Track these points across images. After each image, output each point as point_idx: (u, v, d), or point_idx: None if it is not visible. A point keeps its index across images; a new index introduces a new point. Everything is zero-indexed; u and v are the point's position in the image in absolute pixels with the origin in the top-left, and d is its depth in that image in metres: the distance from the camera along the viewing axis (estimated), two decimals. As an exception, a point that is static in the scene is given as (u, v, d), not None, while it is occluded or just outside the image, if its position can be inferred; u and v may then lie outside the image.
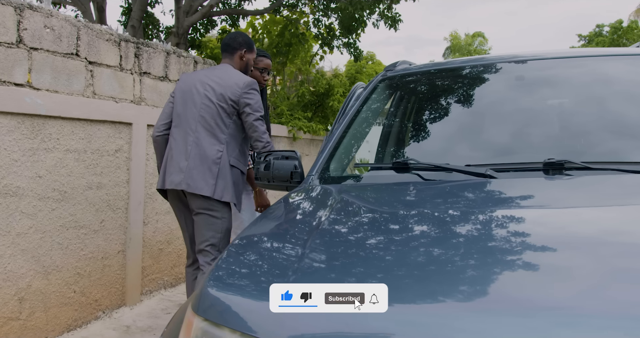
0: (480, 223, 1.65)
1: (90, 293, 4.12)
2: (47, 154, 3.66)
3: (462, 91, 2.79)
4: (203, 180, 3.30)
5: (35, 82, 3.53)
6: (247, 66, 3.60)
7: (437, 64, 3.12)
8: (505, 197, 1.97)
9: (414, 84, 3.07)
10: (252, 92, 3.37)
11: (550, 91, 2.66)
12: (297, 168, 2.63)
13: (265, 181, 2.61)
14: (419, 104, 2.91)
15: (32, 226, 3.58)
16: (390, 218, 1.86)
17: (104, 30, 4.11)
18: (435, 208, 1.88)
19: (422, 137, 2.70)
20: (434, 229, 1.65)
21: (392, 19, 8.83)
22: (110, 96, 4.19)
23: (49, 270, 3.73)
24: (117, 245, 4.36)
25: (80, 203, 3.96)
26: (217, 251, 3.37)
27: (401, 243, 1.54)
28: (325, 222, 1.76)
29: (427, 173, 2.23)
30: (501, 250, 1.38)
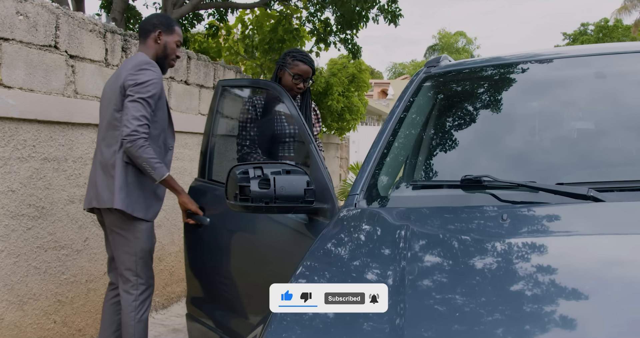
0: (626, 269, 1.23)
1: (73, 323, 3.57)
2: (21, 164, 3.11)
3: (532, 90, 2.32)
4: (108, 190, 2.84)
5: (6, 79, 2.98)
6: (165, 49, 2.99)
7: (493, 59, 2.64)
8: (633, 229, 1.50)
9: (468, 82, 2.57)
10: (140, 73, 2.79)
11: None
12: (311, 184, 2.14)
13: (259, 203, 2.04)
14: (479, 106, 2.41)
15: (4, 249, 3.03)
16: (491, 263, 1.38)
17: (87, 19, 3.57)
18: (547, 250, 1.44)
19: (489, 148, 2.20)
20: (559, 282, 1.24)
21: (392, 14, 8.36)
22: (95, 96, 3.64)
23: (24, 300, 3.18)
24: (103, 265, 3.81)
25: (60, 220, 3.41)
26: (135, 277, 2.91)
27: (514, 299, 1.17)
28: (408, 273, 1.31)
29: (504, 193, 1.76)
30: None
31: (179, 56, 3.10)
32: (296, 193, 2.11)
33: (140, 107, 2.74)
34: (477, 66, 2.60)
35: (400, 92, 2.57)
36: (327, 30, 8.46)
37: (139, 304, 2.94)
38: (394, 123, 2.29)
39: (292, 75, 3.16)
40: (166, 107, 3.01)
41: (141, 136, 2.71)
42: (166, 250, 4.62)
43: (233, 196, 2.11)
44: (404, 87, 2.56)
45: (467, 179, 1.83)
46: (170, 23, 3.05)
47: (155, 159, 2.74)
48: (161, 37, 2.98)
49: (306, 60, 3.22)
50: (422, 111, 2.46)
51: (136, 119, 2.72)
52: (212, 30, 8.68)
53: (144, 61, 2.86)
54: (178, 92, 4.66)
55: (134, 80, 2.77)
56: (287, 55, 3.27)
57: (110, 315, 3.07)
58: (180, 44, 3.13)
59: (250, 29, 9.23)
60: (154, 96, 2.80)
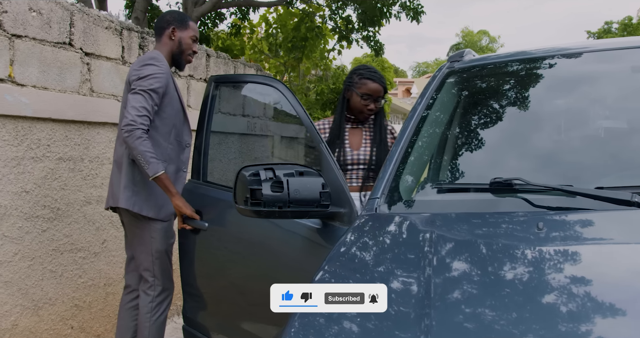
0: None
1: (91, 328, 3.48)
2: (36, 164, 3.02)
3: (564, 86, 2.15)
4: (118, 189, 2.79)
5: (18, 76, 2.89)
6: (180, 45, 2.92)
7: (519, 53, 2.45)
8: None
9: (494, 78, 2.40)
10: (143, 68, 2.72)
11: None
12: (326, 187, 1.98)
13: (272, 207, 1.89)
14: (507, 104, 2.23)
15: (18, 252, 2.94)
16: (527, 278, 1.23)
17: (102, 16, 3.47)
18: (590, 263, 1.29)
19: (518, 148, 2.03)
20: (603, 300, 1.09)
21: (414, 11, 8.18)
22: (111, 94, 3.55)
23: (39, 304, 3.09)
24: (122, 268, 3.71)
25: (77, 222, 3.32)
26: (152, 277, 2.84)
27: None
28: (435, 286, 1.18)
29: (537, 197, 1.60)
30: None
31: (196, 51, 3.00)
32: (311, 197, 1.95)
33: (141, 99, 2.64)
34: (504, 60, 2.43)
35: None
36: (349, 27, 8.31)
37: (156, 306, 2.85)
38: (415, 122, 2.14)
39: (361, 95, 2.88)
40: (179, 104, 2.91)
41: (139, 127, 2.58)
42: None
43: (243, 201, 1.96)
44: (426, 84, 2.40)
45: (496, 182, 1.67)
46: (183, 18, 2.96)
47: (152, 154, 2.59)
48: (175, 33, 2.90)
49: (375, 77, 2.92)
50: (445, 108, 2.29)
51: (135, 110, 2.61)
52: (235, 29, 8.59)
53: (148, 56, 2.80)
54: (197, 90, 4.55)
55: (136, 75, 2.70)
56: (353, 73, 2.99)
57: (127, 320, 2.96)
58: (197, 39, 3.03)
59: (274, 27, 9.14)
60: (157, 89, 2.69)
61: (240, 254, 2.60)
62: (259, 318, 2.52)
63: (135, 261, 2.92)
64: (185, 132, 2.95)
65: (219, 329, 2.72)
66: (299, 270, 2.27)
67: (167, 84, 2.76)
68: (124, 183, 2.74)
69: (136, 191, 2.75)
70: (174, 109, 2.85)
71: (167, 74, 2.77)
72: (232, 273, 2.65)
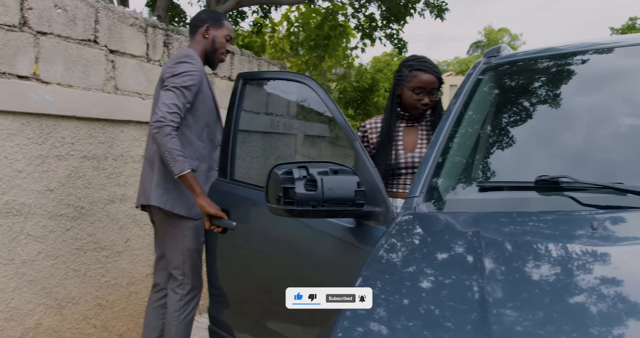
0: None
1: (114, 327, 3.45)
2: (60, 162, 2.99)
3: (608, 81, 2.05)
4: (150, 186, 2.76)
5: (43, 74, 2.86)
6: (213, 44, 2.89)
7: (560, 48, 2.36)
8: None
9: (535, 73, 2.30)
10: (177, 65, 2.69)
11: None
12: (361, 185, 1.91)
13: (306, 206, 1.83)
14: (548, 100, 2.14)
15: (42, 251, 2.92)
16: (590, 284, 1.15)
17: (127, 13, 3.44)
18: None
19: (561, 145, 1.94)
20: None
21: (438, 8, 8.06)
22: (136, 92, 3.52)
23: (62, 303, 3.07)
24: (145, 267, 3.69)
25: (100, 220, 3.29)
26: (182, 276, 2.80)
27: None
28: (489, 295, 1.11)
29: (585, 196, 1.52)
30: None
31: (229, 51, 2.98)
32: (346, 195, 1.90)
33: (172, 96, 2.60)
34: (544, 55, 2.33)
35: (445, 90, 2.32)
36: (372, 25, 8.22)
37: (184, 304, 2.81)
38: (452, 119, 2.05)
39: (412, 89, 2.63)
40: (212, 103, 2.89)
41: (169, 124, 2.55)
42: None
43: (275, 199, 1.90)
44: (462, 81, 2.32)
45: (542, 180, 1.59)
46: (218, 17, 2.94)
47: (179, 152, 2.55)
48: (209, 32, 2.88)
49: (427, 67, 2.67)
50: (483, 105, 2.20)
51: (166, 106, 2.57)
52: (257, 28, 8.55)
53: (183, 54, 2.76)
54: (221, 88, 4.51)
55: (170, 72, 2.67)
56: (402, 66, 2.73)
57: (154, 319, 2.93)
58: (230, 39, 3.00)
59: (295, 26, 9.08)
60: (190, 87, 2.66)
61: (268, 253, 2.54)
62: (284, 318, 2.47)
63: (165, 260, 2.89)
64: (218, 130, 2.91)
65: (244, 329, 2.67)
66: (329, 270, 2.22)
67: (200, 82, 2.73)
68: (156, 180, 2.71)
69: (168, 189, 2.71)
70: (207, 108, 2.82)
71: (201, 72, 2.75)
72: (259, 272, 2.59)
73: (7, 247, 2.74)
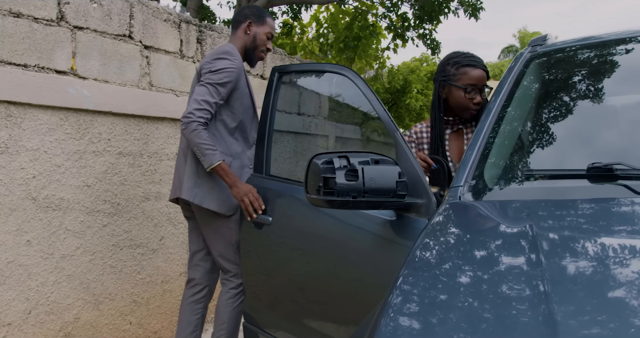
0: None
1: (149, 324, 3.44)
2: (97, 158, 2.99)
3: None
4: (182, 179, 2.75)
5: (80, 69, 2.87)
6: (254, 40, 2.86)
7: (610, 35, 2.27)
8: None
9: (583, 60, 2.22)
10: (215, 61, 2.67)
11: None
12: (403, 176, 1.85)
13: (346, 197, 1.78)
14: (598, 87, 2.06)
15: (80, 246, 2.92)
16: None
17: (161, 8, 3.44)
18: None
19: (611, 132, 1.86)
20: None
21: (473, 7, 7.94)
22: (170, 88, 3.51)
23: (100, 299, 3.06)
24: (179, 266, 3.67)
25: (136, 217, 3.28)
26: (234, 266, 2.81)
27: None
28: (553, 288, 1.02)
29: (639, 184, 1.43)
30: None
31: (270, 49, 2.94)
32: (387, 186, 1.84)
33: (205, 92, 2.59)
34: (593, 42, 2.24)
35: None
36: (404, 25, 8.13)
37: (238, 293, 2.81)
38: (498, 107, 1.99)
39: (464, 88, 2.42)
40: (249, 101, 2.86)
41: (196, 120, 2.54)
42: (243, 250, 4.45)
43: (315, 190, 1.86)
44: (507, 69, 2.25)
45: (595, 167, 1.51)
46: (261, 14, 2.91)
47: (207, 146, 2.53)
48: (251, 28, 2.85)
49: (476, 63, 2.46)
50: (529, 93, 2.13)
51: (196, 102, 2.56)
52: (286, 29, 8.54)
53: (222, 50, 2.73)
54: (254, 87, 4.48)
55: (208, 68, 2.65)
56: (446, 65, 2.51)
57: (189, 314, 2.90)
58: (272, 37, 2.97)
59: (324, 27, 9.05)
60: (226, 84, 2.64)
61: (304, 249, 2.49)
62: (319, 315, 2.42)
63: (212, 254, 2.85)
64: (253, 129, 2.88)
65: (279, 326, 2.62)
66: (367, 265, 2.16)
67: (237, 79, 2.70)
68: (187, 174, 2.69)
69: (199, 183, 2.68)
70: (243, 105, 2.80)
71: (238, 68, 2.72)
72: (294, 269, 2.54)
73: (47, 241, 2.74)
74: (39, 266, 2.71)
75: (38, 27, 2.64)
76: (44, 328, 2.75)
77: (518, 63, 2.21)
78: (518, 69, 2.17)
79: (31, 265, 2.67)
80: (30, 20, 2.61)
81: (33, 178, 2.65)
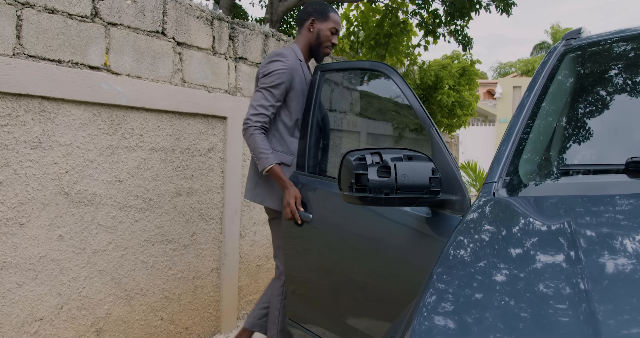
0: None
1: (180, 320, 3.44)
2: (129, 153, 3.00)
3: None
4: (247, 181, 2.97)
5: (113, 65, 2.88)
6: (318, 37, 2.92)
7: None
8: None
9: (618, 54, 2.14)
10: (267, 65, 2.78)
11: None
12: (436, 172, 1.83)
13: (378, 193, 1.77)
14: (632, 81, 1.98)
15: (112, 242, 2.93)
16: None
17: (194, 5, 3.43)
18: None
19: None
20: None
21: (504, 3, 7.79)
22: (202, 85, 3.51)
23: (131, 295, 3.07)
24: (211, 262, 3.67)
25: (167, 213, 3.29)
26: (282, 265, 2.85)
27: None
28: (593, 287, 0.97)
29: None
30: None
31: (336, 43, 2.98)
32: (420, 182, 1.81)
33: (260, 97, 2.73)
34: (629, 35, 2.16)
35: (508, 92, 2.17)
36: (435, 21, 8.02)
37: (284, 291, 2.88)
38: (532, 102, 1.93)
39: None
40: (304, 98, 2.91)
41: (253, 125, 2.68)
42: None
43: (348, 187, 1.83)
44: (540, 63, 2.19)
45: (634, 161, 1.44)
46: (324, 10, 2.95)
47: (262, 150, 2.67)
48: (314, 25, 2.92)
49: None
50: (564, 87, 2.07)
51: (252, 108, 2.72)
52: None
53: (274, 53, 2.83)
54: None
55: (262, 72, 2.78)
56: None
57: (275, 305, 2.99)
58: (337, 32, 3.00)
59: (355, 25, 8.98)
60: (279, 85, 2.73)
61: (343, 246, 2.48)
62: (359, 311, 2.40)
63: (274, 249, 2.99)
64: None
65: (319, 323, 2.61)
66: (405, 262, 2.14)
67: (291, 79, 2.78)
68: (249, 175, 2.90)
69: (259, 183, 2.83)
70: (300, 104, 2.85)
71: (290, 68, 2.78)
72: (334, 266, 2.53)
73: (79, 236, 2.75)
74: (71, 261, 2.73)
75: (72, 23, 2.65)
76: (76, 324, 2.77)
77: (552, 57, 2.15)
78: (552, 63, 2.11)
79: (63, 259, 2.69)
80: (65, 17, 2.62)
81: (66, 173, 2.67)
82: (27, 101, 2.48)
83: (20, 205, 2.49)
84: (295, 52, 2.88)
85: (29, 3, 2.46)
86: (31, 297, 2.56)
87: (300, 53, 2.92)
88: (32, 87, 2.46)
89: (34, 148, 2.53)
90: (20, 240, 2.50)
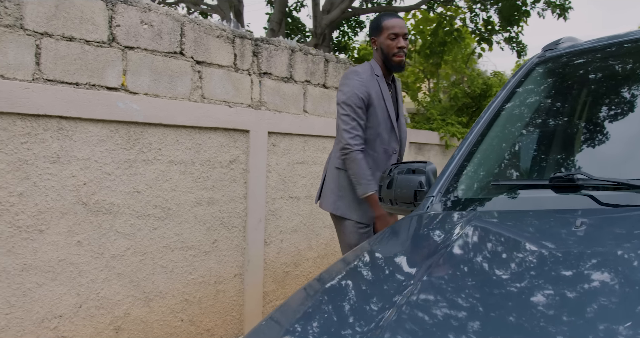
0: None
1: (201, 322, 3.65)
2: (147, 166, 3.25)
3: None
4: (325, 192, 3.15)
5: (131, 85, 3.13)
6: (382, 51, 3.04)
7: (623, 35, 2.15)
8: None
9: (590, 66, 2.12)
10: (340, 90, 2.96)
11: None
12: (423, 185, 1.92)
13: (388, 204, 1.98)
14: (598, 95, 1.97)
15: (130, 247, 3.18)
16: (547, 266, 1.07)
17: (213, 25, 3.66)
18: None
19: (600, 142, 1.79)
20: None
21: (560, 7, 7.59)
22: (223, 100, 3.72)
23: (150, 296, 3.31)
24: (234, 268, 3.86)
25: (187, 221, 3.51)
26: None
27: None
28: (434, 269, 1.07)
29: (604, 194, 1.41)
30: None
31: (402, 46, 3.05)
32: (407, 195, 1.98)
33: (348, 120, 2.87)
34: (611, 42, 2.13)
35: None
36: (488, 29, 7.93)
37: None
38: (489, 117, 1.98)
39: None
40: (385, 113, 3.04)
41: (354, 149, 2.85)
42: (302, 255, 4.58)
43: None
44: (511, 75, 2.21)
45: (556, 177, 1.48)
46: (377, 23, 3.07)
47: (363, 175, 2.85)
48: (375, 42, 3.07)
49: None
50: (523, 101, 2.08)
51: (347, 133, 2.86)
52: (371, 38, 8.60)
53: (349, 71, 3.02)
54: (315, 96, 4.62)
55: (339, 96, 2.95)
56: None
57: None
58: (396, 36, 3.04)
59: (412, 34, 9.01)
60: (356, 105, 2.89)
61: None
62: None
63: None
64: (393, 139, 3.08)
65: None
66: None
67: (367, 96, 2.93)
68: (331, 188, 3.07)
69: (341, 196, 3.02)
70: (378, 118, 2.99)
71: (364, 86, 2.93)
72: None
73: (97, 242, 3.02)
74: (89, 265, 2.99)
75: (89, 49, 2.93)
76: (94, 321, 3.03)
77: (521, 70, 2.17)
78: (519, 77, 2.13)
79: (81, 263, 2.96)
80: (82, 43, 2.90)
81: (84, 185, 2.94)
82: (45, 121, 2.76)
83: (40, 214, 2.77)
84: (373, 68, 3.02)
85: (47, 33, 2.75)
86: (51, 296, 2.84)
87: (379, 68, 3.04)
88: (50, 108, 2.74)
89: (52, 162, 2.81)
90: (40, 244, 2.78)
